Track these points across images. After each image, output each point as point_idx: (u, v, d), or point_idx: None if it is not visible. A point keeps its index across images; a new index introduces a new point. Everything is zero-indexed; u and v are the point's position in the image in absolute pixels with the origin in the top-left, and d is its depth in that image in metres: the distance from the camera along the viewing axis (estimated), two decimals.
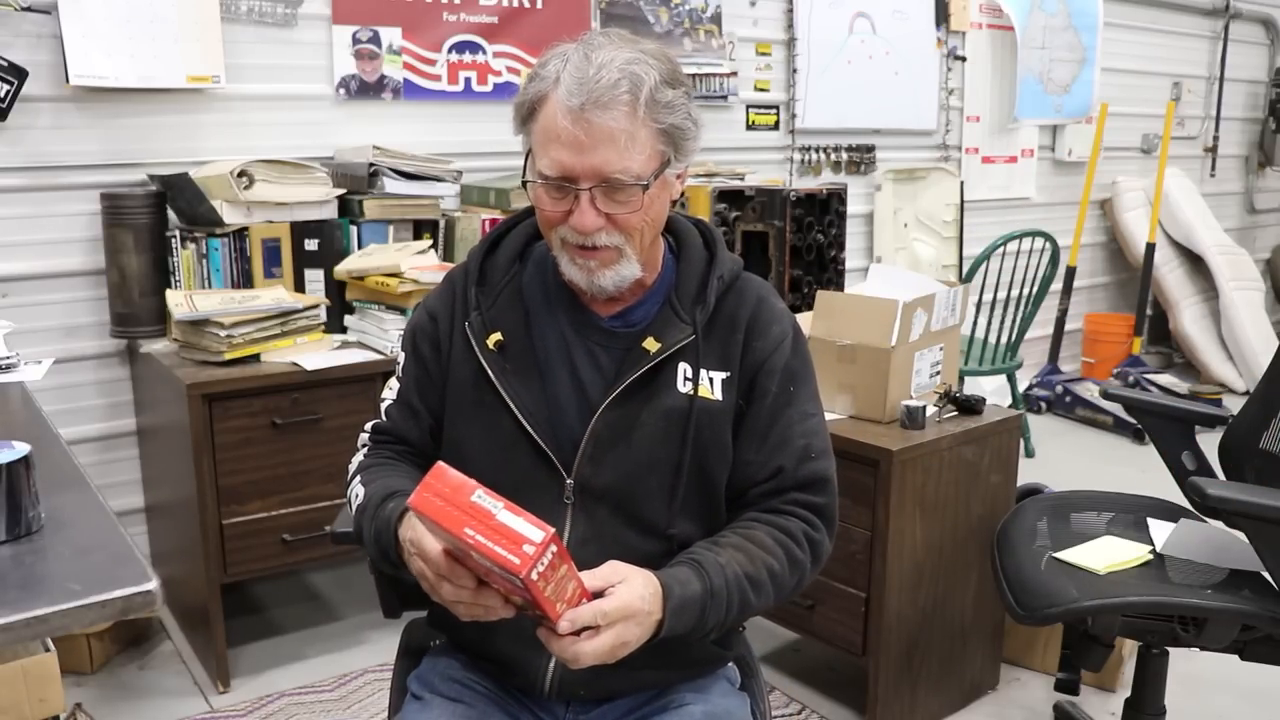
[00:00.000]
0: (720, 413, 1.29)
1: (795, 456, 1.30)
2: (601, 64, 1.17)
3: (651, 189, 1.21)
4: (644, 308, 1.32)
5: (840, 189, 3.40)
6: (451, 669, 1.35)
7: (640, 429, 1.27)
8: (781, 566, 1.25)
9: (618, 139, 1.17)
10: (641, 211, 1.22)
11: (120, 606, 1.01)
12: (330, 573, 3.12)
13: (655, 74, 1.19)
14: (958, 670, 2.43)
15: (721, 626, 1.20)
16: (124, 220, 2.58)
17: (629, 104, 1.17)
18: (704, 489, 1.30)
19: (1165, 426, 2.21)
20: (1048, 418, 4.84)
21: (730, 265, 1.35)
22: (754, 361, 1.31)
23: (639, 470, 1.27)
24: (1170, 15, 5.50)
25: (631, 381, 1.27)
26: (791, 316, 1.37)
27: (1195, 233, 5.39)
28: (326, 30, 3.00)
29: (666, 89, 1.20)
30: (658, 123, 1.19)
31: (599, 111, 1.16)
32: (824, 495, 1.31)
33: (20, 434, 1.26)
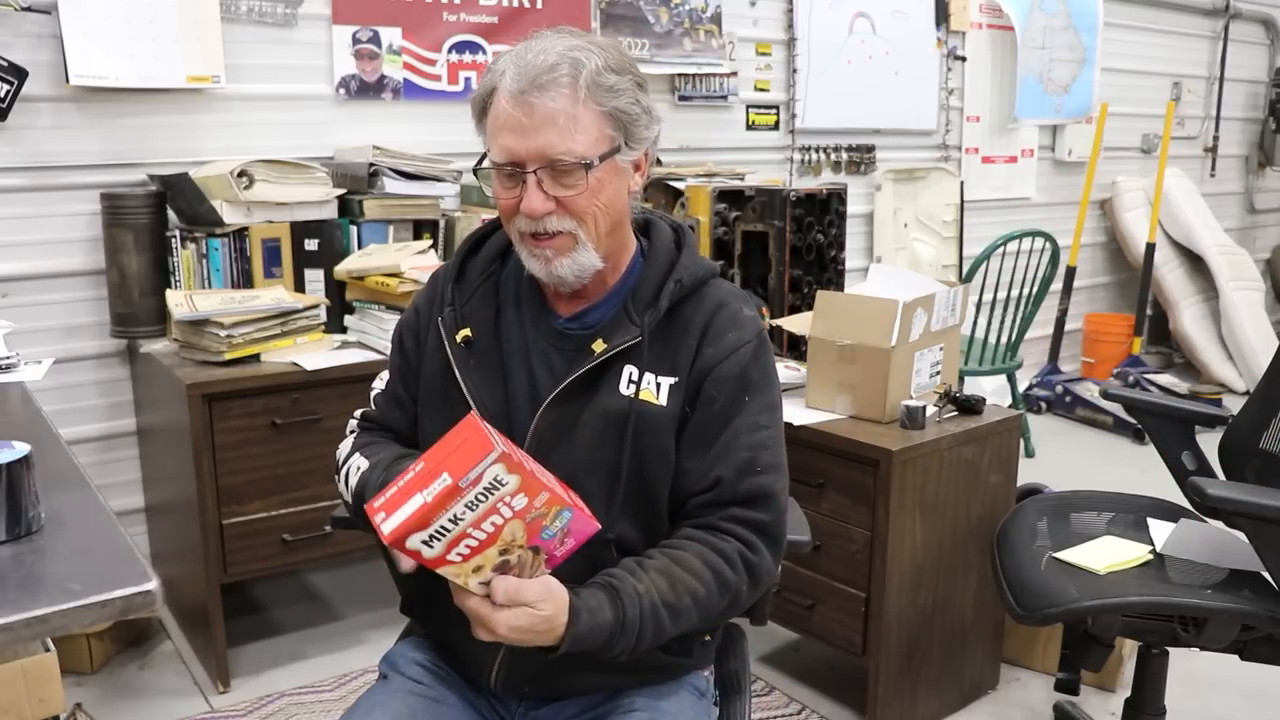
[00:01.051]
0: (662, 418, 1.26)
1: (737, 468, 1.26)
2: (541, 50, 1.20)
3: (599, 172, 1.21)
4: (602, 309, 1.31)
5: (840, 189, 3.39)
6: (418, 654, 1.38)
7: (580, 429, 1.27)
8: (708, 591, 1.21)
9: (558, 120, 1.19)
10: (589, 194, 1.22)
11: (120, 606, 1.01)
12: (330, 573, 3.12)
13: (597, 59, 1.21)
14: (958, 670, 2.43)
15: (630, 652, 1.19)
16: (124, 220, 2.58)
17: (569, 86, 1.19)
18: (644, 494, 1.28)
19: (1165, 426, 2.21)
20: (1048, 418, 4.84)
21: (693, 269, 1.32)
22: (703, 368, 1.28)
23: (578, 471, 1.26)
24: (1170, 15, 5.50)
25: (577, 382, 1.26)
26: (758, 325, 1.33)
27: (1195, 233, 5.39)
28: (326, 30, 3.00)
29: (610, 74, 1.21)
30: (600, 105, 1.21)
31: (539, 94, 1.18)
32: (767, 511, 1.26)
33: (20, 434, 1.26)
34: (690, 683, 1.36)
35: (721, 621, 1.26)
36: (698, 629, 1.23)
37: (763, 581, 1.27)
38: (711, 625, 1.25)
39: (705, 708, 1.36)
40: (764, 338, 1.32)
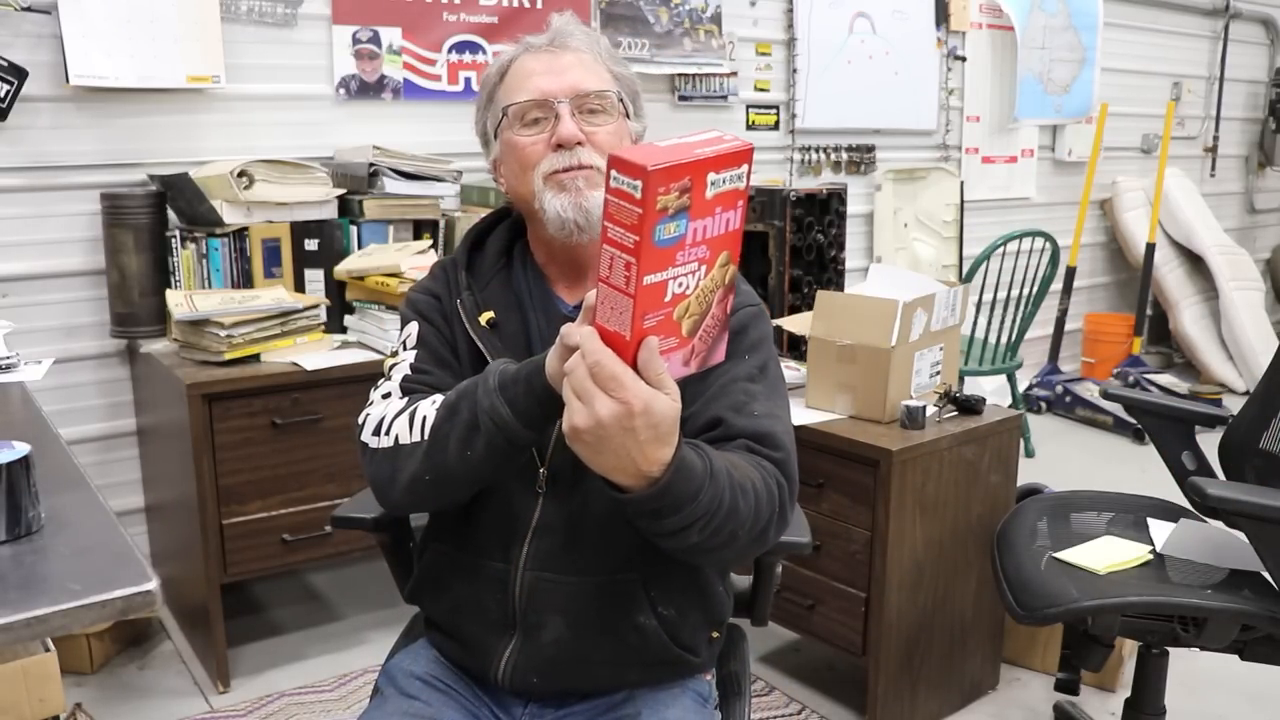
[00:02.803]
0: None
1: (733, 408, 1.20)
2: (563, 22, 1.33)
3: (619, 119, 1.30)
4: None
5: (840, 189, 3.39)
6: (416, 665, 1.36)
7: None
8: (757, 488, 1.13)
9: (585, 62, 1.29)
10: (615, 130, 1.28)
11: (120, 606, 1.00)
12: (330, 573, 3.12)
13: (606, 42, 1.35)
14: (958, 670, 2.43)
15: (709, 519, 1.06)
16: (124, 220, 2.58)
17: (588, 42, 1.31)
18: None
19: (1165, 426, 2.21)
20: (1048, 418, 4.84)
21: None
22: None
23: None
24: (1170, 15, 5.50)
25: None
26: (754, 298, 1.34)
27: (1195, 233, 5.39)
28: (326, 30, 3.00)
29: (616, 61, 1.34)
30: (612, 68, 1.31)
31: (564, 42, 1.30)
32: (775, 449, 1.19)
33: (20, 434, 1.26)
34: (693, 689, 1.35)
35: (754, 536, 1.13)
36: (743, 533, 1.11)
37: (786, 517, 1.19)
38: (751, 536, 1.12)
39: (708, 715, 1.35)
40: (764, 309, 1.34)
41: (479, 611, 1.30)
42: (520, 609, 1.28)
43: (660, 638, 1.28)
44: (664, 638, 1.28)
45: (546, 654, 1.27)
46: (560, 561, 1.26)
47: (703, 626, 1.34)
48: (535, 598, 1.27)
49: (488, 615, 1.29)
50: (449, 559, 1.33)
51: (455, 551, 1.33)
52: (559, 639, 1.27)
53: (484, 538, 1.29)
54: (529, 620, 1.27)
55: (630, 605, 1.27)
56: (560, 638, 1.27)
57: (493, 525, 1.29)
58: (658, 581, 1.28)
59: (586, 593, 1.26)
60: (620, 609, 1.26)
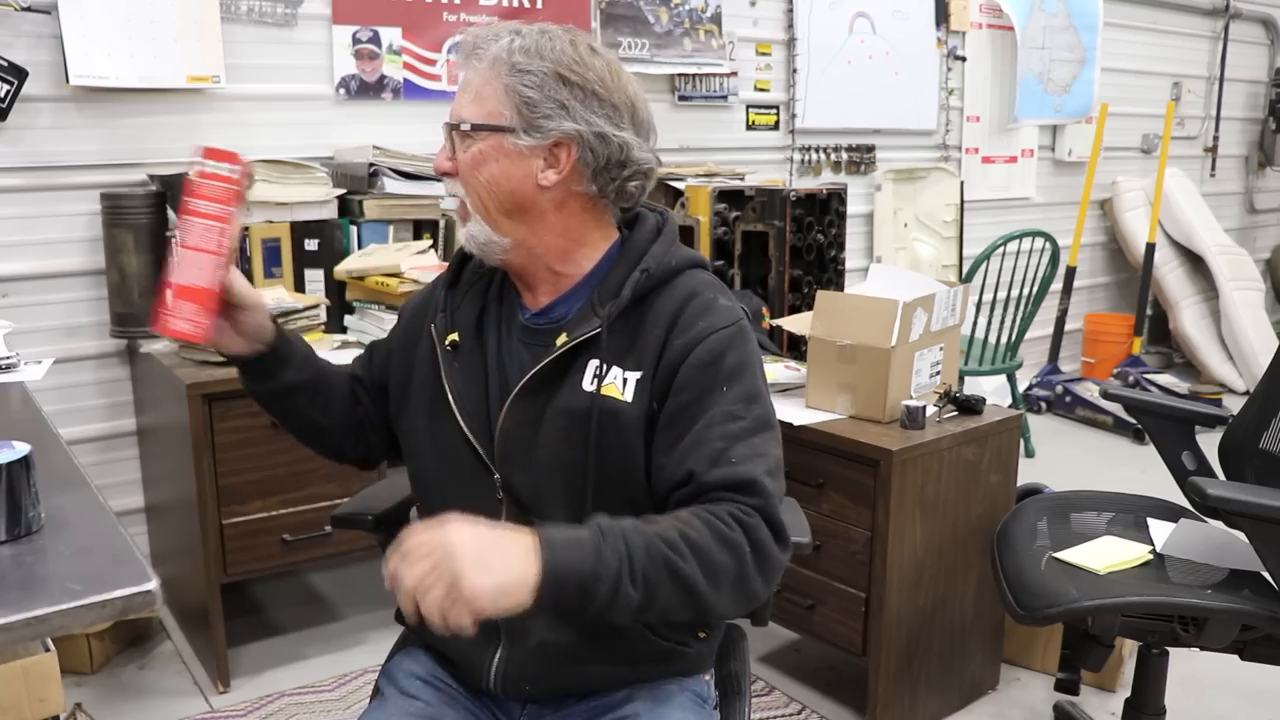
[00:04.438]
0: (627, 415, 1.22)
1: (709, 459, 1.17)
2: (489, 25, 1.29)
3: (480, 144, 1.23)
4: (568, 303, 1.30)
5: (840, 189, 3.40)
6: (416, 666, 1.37)
7: (544, 426, 1.25)
8: (702, 537, 1.09)
9: (473, 87, 1.25)
10: (469, 164, 1.24)
11: (120, 606, 1.00)
12: (330, 573, 3.11)
13: (519, 41, 1.23)
14: (958, 670, 2.43)
15: (636, 588, 1.05)
16: (124, 220, 2.58)
17: (482, 56, 1.24)
18: (615, 495, 1.23)
19: (1165, 426, 2.21)
20: (1048, 418, 4.84)
21: (664, 259, 1.27)
22: (673, 359, 1.22)
23: (544, 469, 1.25)
24: (1170, 15, 5.50)
25: (543, 378, 1.25)
26: (735, 314, 1.27)
27: (1195, 233, 5.39)
28: (326, 30, 3.00)
29: (524, 56, 1.22)
30: (501, 79, 1.23)
31: (464, 61, 1.27)
32: (756, 497, 1.15)
33: (20, 434, 1.26)
34: (691, 689, 1.35)
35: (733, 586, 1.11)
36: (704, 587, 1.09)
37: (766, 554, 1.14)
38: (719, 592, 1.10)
39: (707, 715, 1.35)
40: (743, 326, 1.26)
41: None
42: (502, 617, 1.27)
43: (645, 636, 1.29)
44: (649, 635, 1.29)
45: (534, 658, 1.28)
46: None
47: (688, 625, 1.33)
48: None
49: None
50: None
51: None
52: (544, 643, 1.27)
53: None
54: (512, 626, 1.27)
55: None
56: (545, 641, 1.27)
57: None
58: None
59: None
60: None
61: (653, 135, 1.30)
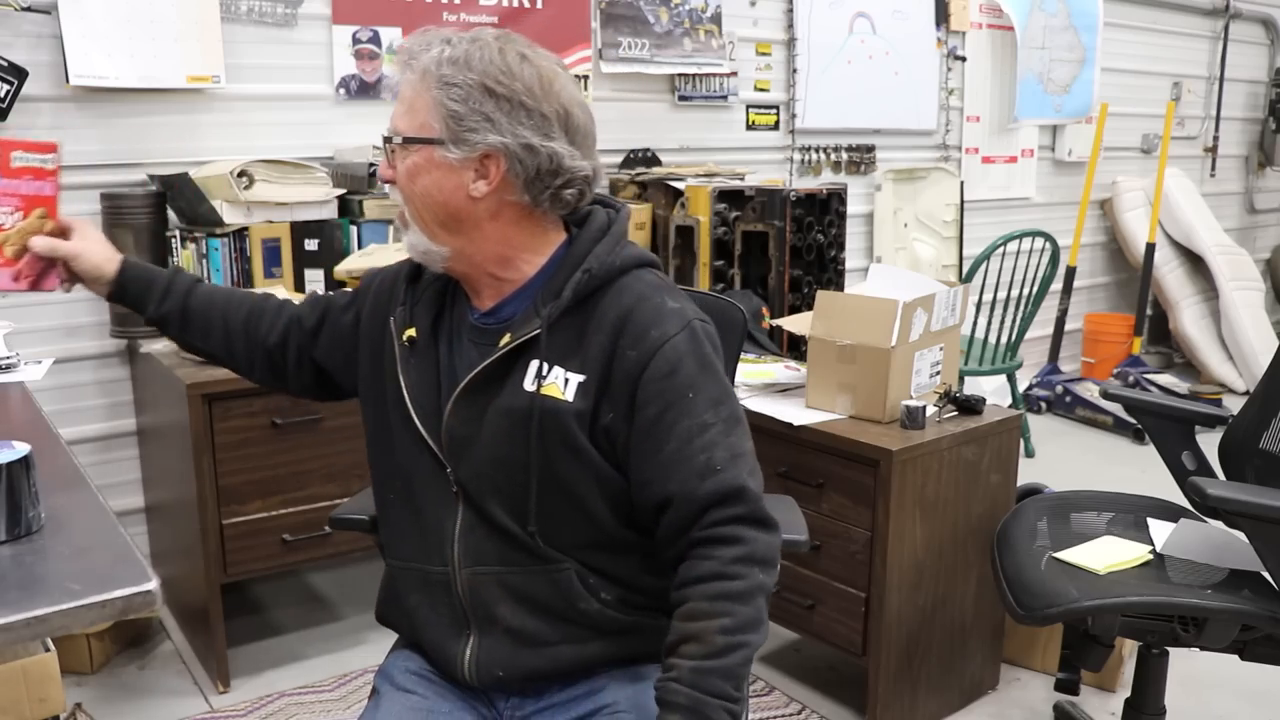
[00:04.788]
0: (568, 414, 1.24)
1: (697, 474, 1.21)
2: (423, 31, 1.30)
3: (412, 156, 1.25)
4: (515, 304, 1.31)
5: (840, 189, 3.40)
6: (410, 662, 1.39)
7: (487, 425, 1.27)
8: (734, 616, 1.18)
9: (407, 98, 1.26)
10: (404, 175, 1.26)
11: (120, 606, 1.01)
12: (330, 573, 3.12)
13: (449, 51, 1.23)
14: (958, 670, 2.43)
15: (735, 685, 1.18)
16: (124, 220, 2.58)
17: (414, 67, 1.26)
18: (564, 492, 1.26)
19: (1165, 426, 2.21)
20: (1048, 418, 4.84)
21: (608, 259, 1.27)
22: (629, 371, 1.23)
23: (487, 467, 1.28)
24: (1170, 15, 5.50)
25: (486, 378, 1.27)
26: (686, 316, 1.27)
27: (1195, 233, 5.39)
28: (326, 30, 3.00)
29: (451, 67, 1.22)
30: (429, 91, 1.23)
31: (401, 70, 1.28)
32: (742, 504, 1.22)
33: (20, 434, 1.26)
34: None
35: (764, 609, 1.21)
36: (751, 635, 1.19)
37: (772, 561, 1.23)
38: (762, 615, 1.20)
39: None
40: (694, 328, 1.26)
41: (435, 618, 1.34)
42: (468, 607, 1.31)
43: (605, 613, 1.30)
44: (608, 613, 1.30)
45: (504, 644, 1.30)
46: (489, 555, 1.30)
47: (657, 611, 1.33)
48: (478, 593, 1.30)
49: (443, 620, 1.33)
50: (400, 571, 1.39)
51: (404, 563, 1.38)
52: (510, 628, 1.30)
53: (423, 544, 1.34)
54: (479, 615, 1.31)
55: (570, 592, 1.29)
56: (512, 626, 1.30)
57: (427, 531, 1.33)
58: (594, 572, 1.30)
59: (524, 582, 1.29)
60: (561, 596, 1.29)
61: (590, 141, 1.29)
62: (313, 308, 1.48)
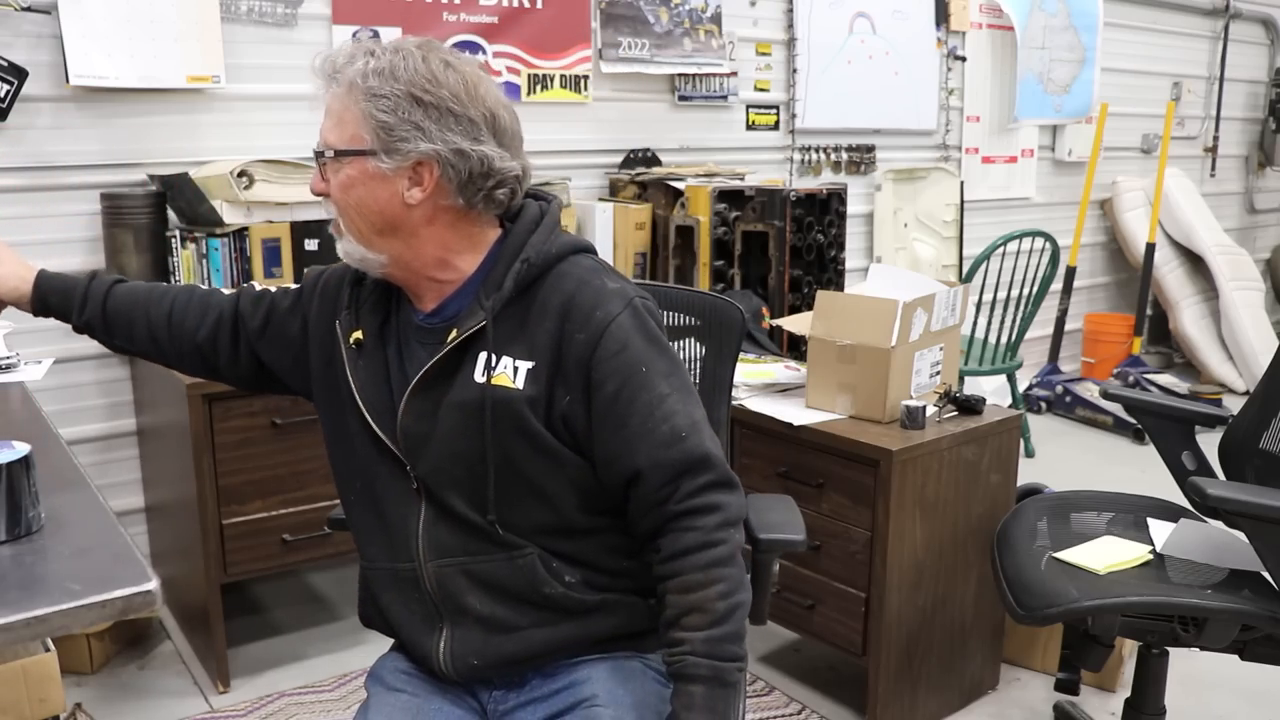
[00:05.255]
0: (520, 401, 1.26)
1: (663, 444, 1.25)
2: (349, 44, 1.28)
3: (345, 168, 1.25)
4: (458, 301, 1.32)
5: (840, 189, 3.40)
6: (399, 662, 1.41)
7: (440, 420, 1.29)
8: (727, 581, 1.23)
9: (335, 110, 1.26)
10: (337, 187, 1.26)
11: (120, 606, 1.01)
12: (330, 573, 3.12)
13: (375, 63, 1.23)
14: (958, 670, 2.43)
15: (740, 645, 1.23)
16: (124, 220, 2.58)
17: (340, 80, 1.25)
18: (522, 479, 1.28)
19: (1165, 426, 2.21)
20: (1048, 418, 4.84)
21: (544, 247, 1.30)
22: (580, 354, 1.25)
23: (445, 461, 1.29)
24: (1170, 15, 5.50)
25: (436, 374, 1.29)
26: (626, 295, 1.29)
27: (1195, 233, 5.39)
28: (326, 30, 3.00)
29: (377, 79, 1.23)
30: (357, 104, 1.24)
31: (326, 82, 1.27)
32: (711, 471, 1.26)
33: (20, 434, 1.26)
34: (654, 666, 1.37)
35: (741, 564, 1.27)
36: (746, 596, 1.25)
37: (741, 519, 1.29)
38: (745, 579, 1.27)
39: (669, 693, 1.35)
40: (635, 305, 1.29)
41: (409, 614, 1.36)
42: (438, 599, 1.33)
43: (569, 595, 1.32)
44: (572, 595, 1.32)
45: (475, 633, 1.32)
46: (453, 547, 1.31)
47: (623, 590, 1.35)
48: (445, 585, 1.32)
49: (416, 616, 1.36)
50: (372, 573, 1.40)
51: (372, 565, 1.39)
52: (480, 617, 1.32)
53: (389, 544, 1.35)
54: (449, 607, 1.33)
55: (534, 578, 1.30)
56: (482, 615, 1.31)
57: (392, 529, 1.35)
58: (556, 556, 1.32)
59: (489, 570, 1.31)
60: (525, 581, 1.31)
61: (518, 141, 1.30)
62: (255, 305, 1.47)
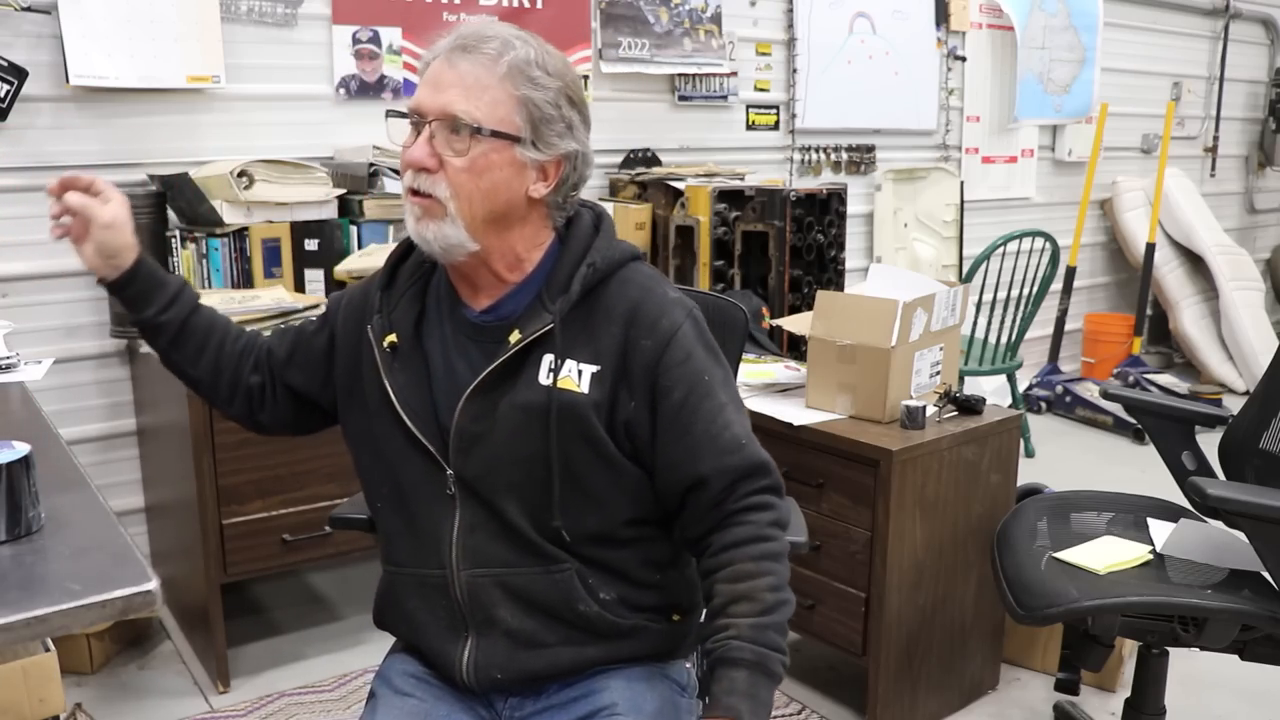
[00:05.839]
0: (586, 406, 1.26)
1: (726, 451, 1.27)
2: (485, 25, 1.25)
3: (487, 149, 1.21)
4: (515, 300, 1.31)
5: (840, 189, 3.40)
6: (408, 665, 1.39)
7: (501, 421, 1.27)
8: (777, 575, 1.25)
9: (469, 84, 1.21)
10: (470, 169, 1.21)
11: (120, 606, 1.01)
12: (330, 573, 3.12)
13: (532, 53, 1.23)
14: (958, 670, 2.43)
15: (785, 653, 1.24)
16: None
17: (492, 57, 1.21)
18: (580, 483, 1.28)
19: (1165, 426, 2.21)
20: (1048, 418, 4.84)
21: (608, 252, 1.30)
22: (646, 360, 1.27)
23: (502, 463, 1.27)
24: (1170, 15, 5.50)
25: (496, 375, 1.27)
26: (686, 305, 1.32)
27: (1195, 233, 5.39)
28: (326, 30, 3.00)
29: (537, 69, 1.22)
30: (515, 89, 1.21)
31: (462, 55, 1.22)
32: (767, 477, 1.29)
33: (20, 434, 1.26)
34: (671, 675, 1.37)
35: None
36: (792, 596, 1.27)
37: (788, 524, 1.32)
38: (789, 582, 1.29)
39: (688, 704, 1.37)
40: (695, 315, 1.32)
41: (433, 621, 1.34)
42: (467, 609, 1.31)
43: (604, 617, 1.30)
44: (607, 617, 1.31)
45: (502, 646, 1.30)
46: (491, 557, 1.29)
47: (657, 607, 1.35)
48: (477, 595, 1.30)
49: (440, 623, 1.33)
50: (396, 577, 1.38)
51: (399, 569, 1.37)
52: (509, 630, 1.30)
53: (419, 549, 1.33)
54: (477, 618, 1.30)
55: (570, 593, 1.29)
56: (511, 629, 1.30)
57: (422, 535, 1.32)
58: (593, 572, 1.30)
59: (524, 583, 1.29)
60: (560, 597, 1.29)
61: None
62: (281, 338, 1.46)
